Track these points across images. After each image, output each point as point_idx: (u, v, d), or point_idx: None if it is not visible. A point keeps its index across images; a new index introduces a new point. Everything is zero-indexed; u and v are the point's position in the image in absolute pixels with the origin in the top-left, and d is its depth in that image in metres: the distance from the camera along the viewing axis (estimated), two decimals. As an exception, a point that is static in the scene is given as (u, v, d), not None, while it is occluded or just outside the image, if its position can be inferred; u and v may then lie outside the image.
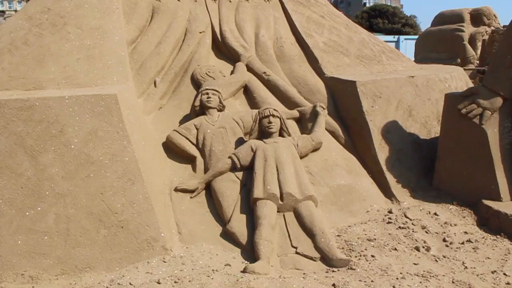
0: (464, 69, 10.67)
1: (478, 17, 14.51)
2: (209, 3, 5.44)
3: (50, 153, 3.54)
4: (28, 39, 4.58)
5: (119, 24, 4.84)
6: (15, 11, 79.64)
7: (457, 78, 5.90)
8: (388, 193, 4.56)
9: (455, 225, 4.09)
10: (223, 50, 5.25)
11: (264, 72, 4.99)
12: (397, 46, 24.52)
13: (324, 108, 4.72)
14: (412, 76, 5.22)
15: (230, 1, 5.52)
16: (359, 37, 5.90)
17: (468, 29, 14.44)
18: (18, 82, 4.23)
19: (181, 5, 5.30)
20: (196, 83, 4.77)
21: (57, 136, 3.57)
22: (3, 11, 79.02)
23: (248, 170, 4.07)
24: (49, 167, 3.52)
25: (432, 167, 4.79)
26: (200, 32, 5.16)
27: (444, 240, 3.85)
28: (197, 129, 4.35)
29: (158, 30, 5.05)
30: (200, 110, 4.47)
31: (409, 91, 5.08)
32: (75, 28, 4.70)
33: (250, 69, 5.03)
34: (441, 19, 15.64)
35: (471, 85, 6.35)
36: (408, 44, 23.85)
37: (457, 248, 3.73)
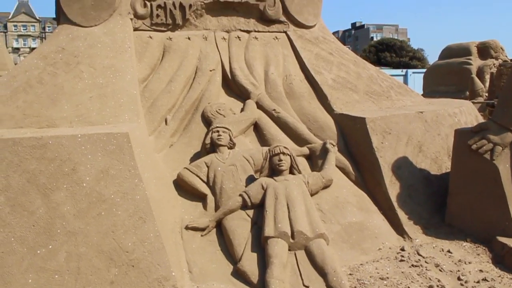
0: (473, 102, 10.72)
1: (485, 50, 14.64)
2: (219, 42, 5.55)
3: (62, 191, 3.56)
4: (43, 77, 4.69)
5: (131, 63, 4.94)
6: (30, 48, 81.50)
7: (466, 113, 5.91)
8: (400, 230, 4.51)
9: (469, 263, 4.02)
10: (233, 87, 5.33)
11: (274, 109, 5.03)
12: (406, 80, 24.69)
13: (334, 145, 4.73)
14: (421, 111, 5.23)
15: (239, 39, 5.62)
16: (368, 73, 5.96)
17: (475, 62, 14.56)
18: (32, 120, 4.31)
19: (192, 44, 5.41)
20: (207, 121, 4.82)
21: (70, 174, 3.60)
22: (17, 48, 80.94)
23: (259, 208, 4.05)
24: (61, 205, 3.53)
25: (444, 203, 4.75)
26: (211, 70, 5.25)
27: (458, 278, 3.78)
28: (207, 166, 4.37)
29: (169, 69, 5.14)
30: (210, 148, 4.49)
31: (419, 127, 5.09)
32: (88, 67, 4.81)
33: (260, 106, 5.08)
34: (449, 52, 15.78)
35: (480, 119, 6.35)
36: (416, 78, 24.00)
37: (472, 287, 3.66)
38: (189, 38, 5.44)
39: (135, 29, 5.35)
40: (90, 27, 5.23)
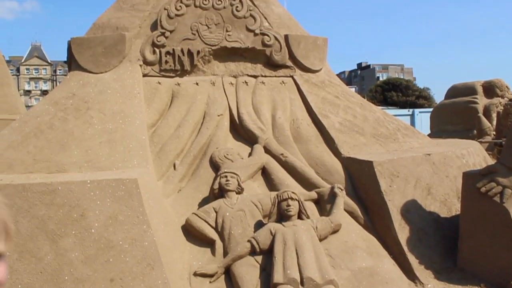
0: (481, 142, 10.69)
1: (490, 89, 14.69)
2: (227, 87, 5.64)
3: (71, 237, 3.57)
4: (53, 123, 4.77)
5: (140, 109, 5.02)
6: (41, 90, 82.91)
7: (474, 154, 5.90)
8: (411, 275, 4.43)
9: (483, 309, 3.94)
10: (241, 132, 5.38)
11: (282, 154, 5.06)
12: (413, 120, 24.72)
13: (342, 189, 4.72)
14: (428, 153, 5.23)
15: (247, 84, 5.71)
16: (374, 115, 6.00)
17: (482, 101, 14.58)
18: (42, 165, 4.35)
19: (200, 89, 5.50)
20: (215, 166, 4.85)
21: (78, 220, 3.61)
22: (29, 91, 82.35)
23: (267, 254, 4.02)
24: (69, 252, 3.53)
25: (455, 247, 4.69)
26: (219, 115, 5.31)
27: (473, 325, 3.70)
28: (216, 212, 4.36)
29: (178, 114, 5.22)
30: (218, 193, 4.50)
31: (427, 169, 5.08)
32: (98, 113, 4.89)
33: (267, 151, 5.11)
34: (454, 91, 15.85)
35: (488, 159, 6.33)
36: (423, 117, 24.03)
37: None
38: (197, 84, 5.54)
39: (144, 75, 5.46)
40: (101, 73, 5.36)
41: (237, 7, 5.72)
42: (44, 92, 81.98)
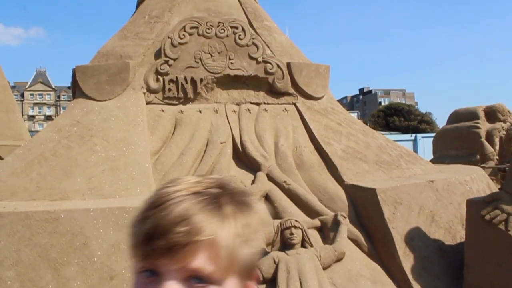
0: (484, 167, 10.65)
1: (492, 114, 14.70)
2: (230, 114, 5.67)
3: (73, 266, 3.55)
4: (57, 150, 4.79)
5: (143, 136, 5.05)
6: (44, 115, 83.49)
7: (477, 180, 5.88)
8: (416, 304, 4.39)
9: None
10: (244, 160, 5.38)
11: (285, 181, 5.05)
12: (415, 145, 24.71)
13: (345, 217, 4.70)
14: (432, 180, 5.22)
15: (249, 112, 5.74)
16: (377, 142, 6.01)
17: (484, 125, 14.58)
18: (45, 193, 4.36)
19: (203, 117, 5.54)
20: (218, 193, 4.83)
21: (81, 249, 3.60)
22: (33, 116, 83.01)
23: (271, 283, 3.98)
24: (71, 281, 3.51)
25: (460, 275, 4.63)
26: (221, 143, 5.33)
27: None
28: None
29: (181, 142, 5.24)
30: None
31: (430, 196, 5.06)
32: (102, 140, 4.91)
33: (270, 178, 5.10)
34: (456, 117, 15.88)
35: (492, 185, 6.31)
36: (425, 142, 24.00)
37: None
38: (200, 111, 5.57)
39: (148, 103, 5.51)
40: (104, 101, 5.40)
41: (239, 35, 5.80)
42: (48, 118, 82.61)
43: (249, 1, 6.56)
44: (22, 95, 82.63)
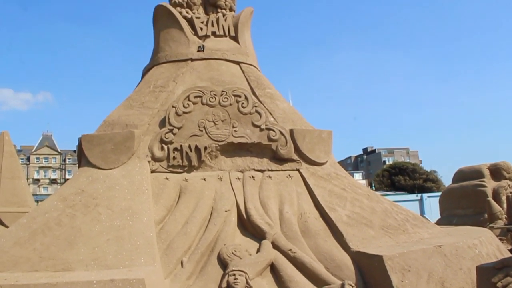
0: (493, 227, 10.49)
1: (497, 171, 14.66)
2: (234, 182, 5.68)
3: None
4: (61, 220, 4.79)
5: (148, 205, 5.05)
6: (49, 179, 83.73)
7: (486, 243, 5.78)
8: None
9: None
10: (249, 227, 5.33)
11: (290, 249, 4.98)
12: (421, 205, 24.51)
13: (352, 286, 4.59)
14: (439, 245, 5.14)
15: (253, 179, 5.76)
16: (382, 207, 5.97)
17: (490, 183, 14.51)
18: (48, 263, 4.32)
19: (207, 185, 5.55)
20: (223, 263, 4.77)
21: (83, 324, 3.52)
22: (38, 180, 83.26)
23: None
24: None
25: None
26: (226, 211, 5.31)
27: None
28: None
29: (185, 210, 5.23)
30: (227, 292, 4.40)
31: (439, 262, 4.97)
32: (106, 209, 4.92)
33: (276, 246, 5.03)
34: (461, 175, 15.83)
35: (502, 248, 6.20)
36: (432, 202, 23.81)
37: None
38: (204, 179, 5.60)
39: (152, 171, 5.55)
40: (110, 169, 5.46)
41: (242, 103, 5.92)
42: (53, 181, 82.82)
43: (251, 70, 6.75)
44: (28, 159, 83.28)
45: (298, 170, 5.98)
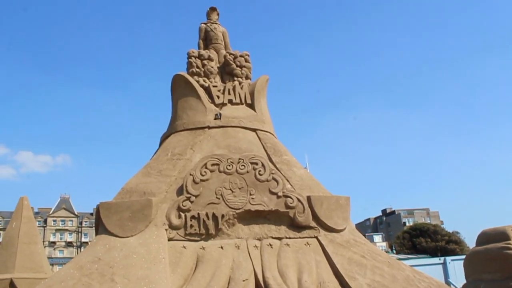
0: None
1: (522, 235, 14.23)
2: (252, 250, 5.61)
3: None
4: (77, 289, 4.73)
5: (164, 274, 5.00)
6: (65, 242, 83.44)
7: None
8: None
9: None
10: (267, 297, 5.21)
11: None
12: (445, 269, 23.66)
13: None
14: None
15: (271, 247, 5.68)
16: (403, 274, 5.81)
17: (515, 248, 14.06)
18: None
19: (225, 253, 5.49)
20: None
21: None
22: (54, 242, 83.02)
23: None
24: None
25: None
26: (244, 280, 5.20)
27: None
28: None
29: (202, 280, 5.14)
30: None
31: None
32: (123, 278, 4.87)
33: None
34: (485, 238, 15.34)
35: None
36: (456, 265, 22.99)
37: None
38: (222, 247, 5.54)
39: (170, 239, 5.52)
40: (127, 237, 5.45)
41: (259, 171, 5.95)
42: (69, 244, 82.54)
43: (268, 136, 6.83)
44: (45, 221, 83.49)
45: (316, 237, 5.89)
